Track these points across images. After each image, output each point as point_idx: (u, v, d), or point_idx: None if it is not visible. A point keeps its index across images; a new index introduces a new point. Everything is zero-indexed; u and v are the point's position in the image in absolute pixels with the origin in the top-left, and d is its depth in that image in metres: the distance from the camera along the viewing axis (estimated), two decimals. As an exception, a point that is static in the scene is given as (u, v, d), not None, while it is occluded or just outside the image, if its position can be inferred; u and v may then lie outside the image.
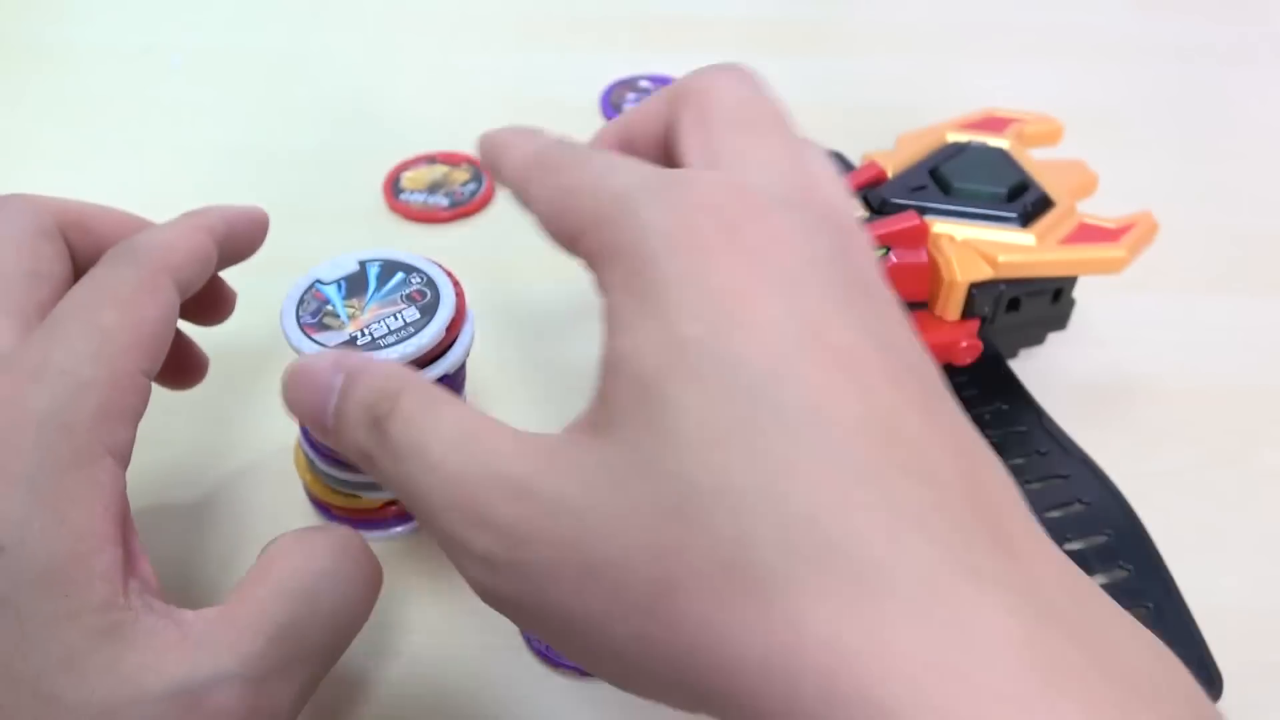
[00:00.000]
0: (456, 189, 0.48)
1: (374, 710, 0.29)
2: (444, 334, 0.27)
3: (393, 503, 0.32)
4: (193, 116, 0.53)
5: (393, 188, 0.48)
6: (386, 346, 0.27)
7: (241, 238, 0.28)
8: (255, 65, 0.57)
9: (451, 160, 0.49)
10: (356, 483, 0.30)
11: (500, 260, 0.43)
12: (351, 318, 0.28)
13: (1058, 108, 0.44)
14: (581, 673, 0.29)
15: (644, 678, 0.18)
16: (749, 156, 0.22)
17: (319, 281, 0.29)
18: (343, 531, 0.24)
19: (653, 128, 0.25)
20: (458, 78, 0.57)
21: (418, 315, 0.27)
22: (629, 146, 0.25)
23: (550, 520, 0.18)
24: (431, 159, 0.50)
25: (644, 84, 0.56)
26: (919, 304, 0.36)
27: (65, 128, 0.52)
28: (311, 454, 0.31)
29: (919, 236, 0.35)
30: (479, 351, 0.30)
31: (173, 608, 0.21)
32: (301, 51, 0.59)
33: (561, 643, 0.19)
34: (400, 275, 0.29)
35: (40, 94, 0.55)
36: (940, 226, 0.36)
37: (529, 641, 0.30)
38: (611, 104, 0.54)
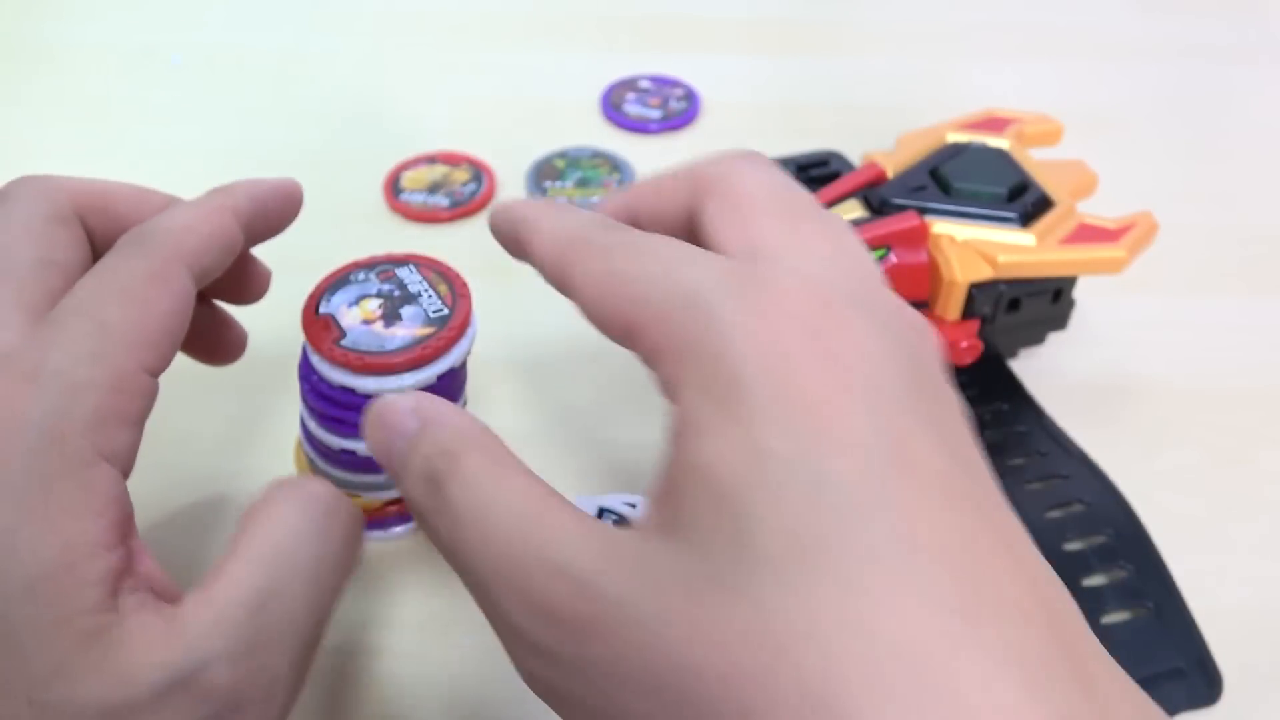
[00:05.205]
0: (456, 189, 0.48)
1: (372, 709, 0.29)
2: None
3: (393, 503, 0.32)
4: (193, 116, 0.53)
5: (393, 188, 0.48)
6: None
7: (272, 214, 0.27)
8: (255, 65, 0.57)
9: (451, 160, 0.49)
10: (357, 483, 0.30)
11: (500, 260, 0.43)
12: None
13: (1058, 108, 0.44)
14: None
15: None
16: (794, 245, 0.21)
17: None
18: (312, 487, 0.23)
19: (670, 210, 0.24)
20: (458, 78, 0.57)
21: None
22: (637, 224, 0.24)
23: (618, 623, 0.17)
24: (431, 159, 0.50)
25: (644, 84, 0.56)
26: (919, 304, 0.36)
27: (65, 127, 0.52)
28: (312, 454, 0.31)
29: (919, 237, 0.35)
30: (479, 352, 0.30)
31: (162, 603, 0.21)
32: (302, 52, 0.59)
33: None
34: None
35: (40, 93, 0.55)
36: (940, 227, 0.36)
37: (529, 641, 0.30)
38: (611, 104, 0.54)
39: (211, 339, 0.31)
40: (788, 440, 0.17)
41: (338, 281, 0.29)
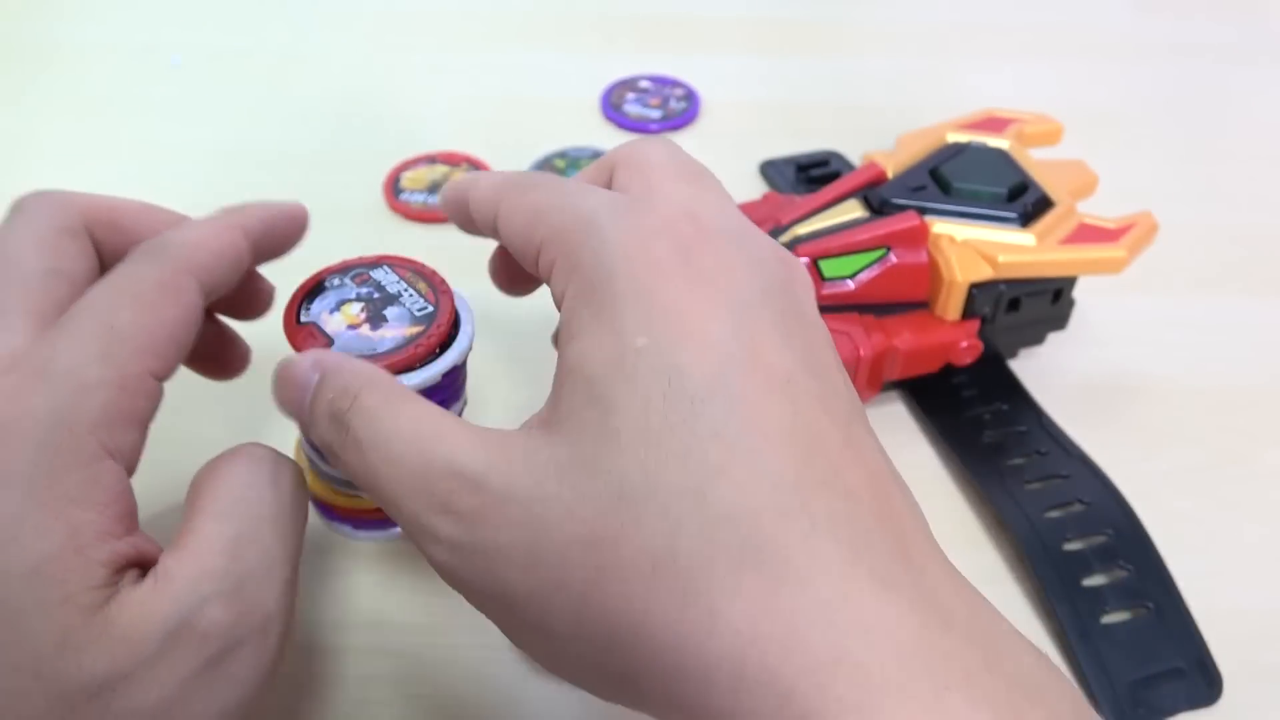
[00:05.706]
0: (456, 189, 0.48)
1: (371, 710, 0.29)
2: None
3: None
4: (193, 116, 0.53)
5: (393, 188, 0.48)
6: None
7: (278, 235, 0.28)
8: (255, 65, 0.57)
9: (451, 160, 0.49)
10: (357, 483, 0.30)
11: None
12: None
13: (1058, 108, 0.44)
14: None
15: (573, 658, 0.20)
16: (680, 189, 0.23)
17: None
18: (252, 448, 0.24)
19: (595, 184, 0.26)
20: (458, 78, 0.57)
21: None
22: None
23: (503, 508, 0.20)
24: (431, 159, 0.50)
25: (644, 84, 0.56)
26: (919, 304, 0.36)
27: (65, 127, 0.52)
28: (312, 454, 0.31)
29: (919, 237, 0.35)
30: (479, 351, 0.30)
31: (153, 570, 0.21)
32: (302, 52, 0.59)
33: (506, 620, 0.21)
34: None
35: (41, 93, 0.55)
36: (940, 226, 0.36)
37: (529, 641, 0.30)
38: (611, 104, 0.54)
39: (216, 354, 0.31)
40: (649, 339, 0.20)
41: (313, 289, 0.28)
